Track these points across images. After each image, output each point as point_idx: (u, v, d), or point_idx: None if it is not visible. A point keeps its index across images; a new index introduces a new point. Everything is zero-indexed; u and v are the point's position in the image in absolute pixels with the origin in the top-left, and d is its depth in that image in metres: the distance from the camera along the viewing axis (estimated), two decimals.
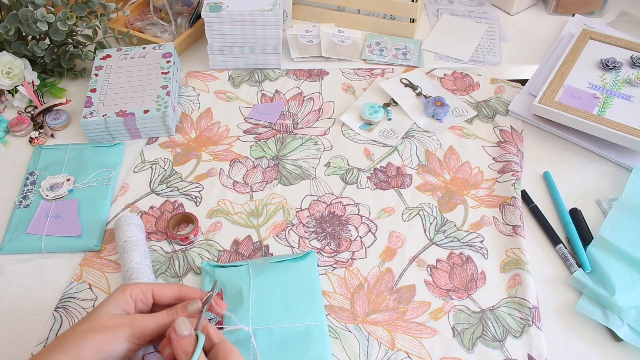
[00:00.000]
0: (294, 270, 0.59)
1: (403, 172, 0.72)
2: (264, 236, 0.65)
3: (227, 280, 0.57)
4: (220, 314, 0.52)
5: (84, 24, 0.82)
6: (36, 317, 0.57)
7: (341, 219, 0.67)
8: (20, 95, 0.80)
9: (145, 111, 0.73)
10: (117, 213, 0.67)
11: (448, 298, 0.59)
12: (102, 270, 0.61)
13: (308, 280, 0.58)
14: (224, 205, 0.68)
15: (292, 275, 0.58)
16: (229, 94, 0.83)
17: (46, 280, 0.60)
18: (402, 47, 0.92)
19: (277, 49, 0.85)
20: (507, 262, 0.62)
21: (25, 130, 0.76)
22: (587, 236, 0.65)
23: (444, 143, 0.76)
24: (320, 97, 0.83)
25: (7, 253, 0.62)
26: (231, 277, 0.57)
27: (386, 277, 0.61)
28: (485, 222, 0.67)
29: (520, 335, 0.56)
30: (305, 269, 0.59)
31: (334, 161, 0.74)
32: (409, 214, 0.67)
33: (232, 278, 0.57)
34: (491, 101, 0.82)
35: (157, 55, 0.80)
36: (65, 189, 0.67)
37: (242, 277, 0.57)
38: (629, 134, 0.70)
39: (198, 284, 0.60)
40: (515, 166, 0.72)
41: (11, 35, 0.76)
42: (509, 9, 1.02)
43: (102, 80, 0.77)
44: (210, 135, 0.77)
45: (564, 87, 0.78)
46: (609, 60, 0.82)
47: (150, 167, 0.72)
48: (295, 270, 0.59)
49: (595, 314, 0.57)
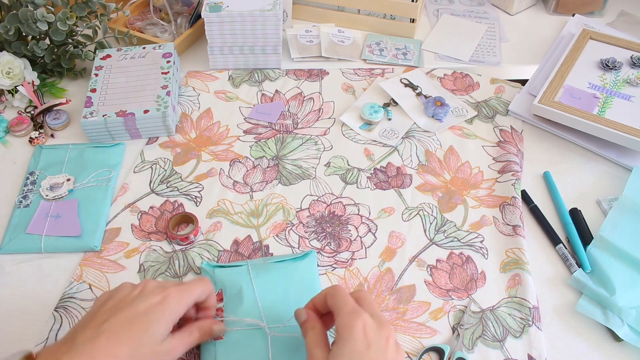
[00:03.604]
0: (294, 270, 0.59)
1: (403, 172, 0.72)
2: (264, 236, 0.65)
3: (227, 280, 0.57)
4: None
5: (84, 24, 0.82)
6: (36, 317, 0.57)
7: (341, 219, 0.67)
8: (20, 95, 0.80)
9: (145, 111, 0.73)
10: (117, 213, 0.67)
11: (448, 298, 0.59)
12: (102, 270, 0.61)
13: (308, 280, 0.58)
14: (224, 205, 0.68)
15: (292, 275, 0.58)
16: (229, 94, 0.83)
17: (46, 280, 0.60)
18: (402, 47, 0.92)
19: (277, 49, 0.85)
20: (507, 262, 0.62)
21: (25, 130, 0.76)
22: (587, 236, 0.65)
23: (444, 143, 0.76)
24: (320, 97, 0.83)
25: (6, 253, 0.62)
26: (231, 278, 0.57)
27: (386, 277, 0.61)
28: (485, 222, 0.67)
29: (520, 335, 0.56)
30: (305, 268, 0.59)
31: (334, 161, 0.74)
32: (409, 214, 0.67)
33: (232, 278, 0.57)
34: (491, 101, 0.82)
35: (157, 55, 0.80)
36: (65, 189, 0.67)
37: (242, 278, 0.57)
38: (629, 134, 0.70)
39: None
40: (515, 166, 0.72)
41: (11, 35, 0.76)
42: (509, 9, 1.02)
43: (102, 80, 0.77)
44: (210, 135, 0.77)
45: (564, 87, 0.78)
46: (609, 60, 0.82)
47: (150, 167, 0.72)
48: (295, 270, 0.59)
49: (595, 314, 0.57)
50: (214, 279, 0.58)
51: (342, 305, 0.46)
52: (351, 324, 0.44)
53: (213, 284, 0.53)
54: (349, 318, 0.44)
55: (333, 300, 0.47)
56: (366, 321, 0.44)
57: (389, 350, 0.44)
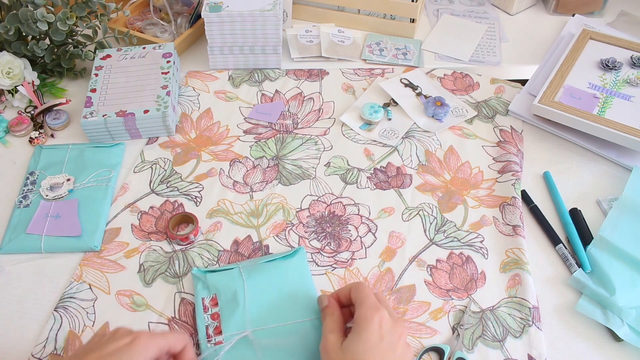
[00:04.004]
0: (285, 268, 0.59)
1: (403, 172, 0.72)
2: (264, 236, 0.65)
3: (220, 284, 0.57)
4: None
5: (84, 24, 0.82)
6: (36, 317, 0.57)
7: (341, 219, 0.67)
8: (20, 95, 0.80)
9: (145, 111, 0.73)
10: (117, 213, 0.67)
11: (448, 298, 0.59)
12: (102, 270, 0.61)
13: (300, 277, 0.59)
14: (224, 205, 0.68)
15: (284, 274, 0.58)
16: (229, 94, 0.83)
17: (46, 280, 0.60)
18: (402, 47, 0.92)
19: (277, 49, 0.85)
20: (507, 262, 0.62)
21: (25, 130, 0.76)
22: (587, 236, 0.65)
23: (444, 143, 0.76)
24: (320, 97, 0.83)
25: (6, 253, 0.62)
26: (224, 282, 0.57)
27: (386, 277, 0.61)
28: (485, 222, 0.67)
29: (520, 335, 0.56)
30: (296, 265, 0.60)
31: (334, 161, 0.74)
32: (409, 214, 0.67)
33: (225, 282, 0.57)
34: (491, 101, 0.82)
35: (157, 55, 0.80)
36: (65, 189, 0.67)
37: (235, 280, 0.57)
38: (629, 134, 0.70)
39: None
40: (515, 166, 0.72)
41: (11, 35, 0.76)
42: (509, 9, 1.02)
43: (102, 80, 0.77)
44: (210, 135, 0.77)
45: (564, 87, 0.78)
46: (609, 60, 0.82)
47: (150, 167, 0.72)
48: (286, 268, 0.59)
49: (595, 314, 0.57)
50: (206, 284, 0.58)
51: (365, 299, 0.49)
52: (370, 316, 0.47)
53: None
54: (369, 311, 0.48)
55: (357, 294, 0.50)
56: (383, 316, 0.48)
57: (399, 346, 0.47)
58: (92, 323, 0.56)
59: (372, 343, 0.46)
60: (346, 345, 0.47)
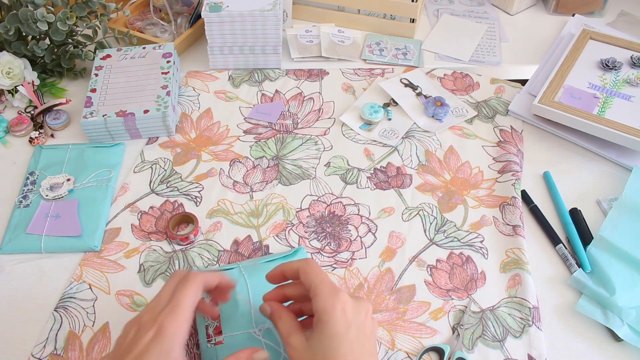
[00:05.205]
0: None
1: (403, 172, 0.72)
2: (264, 236, 0.65)
3: None
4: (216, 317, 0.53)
5: (84, 24, 0.82)
6: (36, 317, 0.57)
7: (341, 219, 0.67)
8: (20, 95, 0.80)
9: (145, 111, 0.73)
10: (117, 213, 0.67)
11: (448, 298, 0.59)
12: (102, 270, 0.61)
13: None
14: (224, 205, 0.68)
15: None
16: (229, 94, 0.83)
17: (46, 280, 0.60)
18: (402, 47, 0.92)
19: (277, 49, 0.85)
20: (507, 262, 0.62)
21: (25, 130, 0.76)
22: (587, 236, 0.65)
23: (444, 143, 0.76)
24: (320, 97, 0.83)
25: (6, 253, 0.62)
26: None
27: (386, 277, 0.61)
28: (485, 222, 0.67)
29: (520, 335, 0.56)
30: None
31: (334, 161, 0.74)
32: (409, 214, 0.67)
33: None
34: (491, 101, 0.82)
35: (157, 55, 0.80)
36: (65, 189, 0.67)
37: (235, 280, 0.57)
38: (629, 134, 0.70)
39: None
40: (515, 166, 0.72)
41: (11, 35, 0.76)
42: (509, 9, 1.02)
43: (102, 80, 0.77)
44: (210, 135, 0.77)
45: (564, 87, 0.78)
46: (609, 60, 0.82)
47: (150, 167, 0.72)
48: None
49: (595, 314, 0.57)
50: None
51: (319, 285, 0.44)
52: (331, 306, 0.43)
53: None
54: (328, 300, 0.43)
55: (308, 278, 0.45)
56: (345, 301, 0.44)
57: (367, 325, 0.44)
58: (92, 323, 0.56)
59: (339, 334, 0.42)
60: (313, 343, 0.43)
